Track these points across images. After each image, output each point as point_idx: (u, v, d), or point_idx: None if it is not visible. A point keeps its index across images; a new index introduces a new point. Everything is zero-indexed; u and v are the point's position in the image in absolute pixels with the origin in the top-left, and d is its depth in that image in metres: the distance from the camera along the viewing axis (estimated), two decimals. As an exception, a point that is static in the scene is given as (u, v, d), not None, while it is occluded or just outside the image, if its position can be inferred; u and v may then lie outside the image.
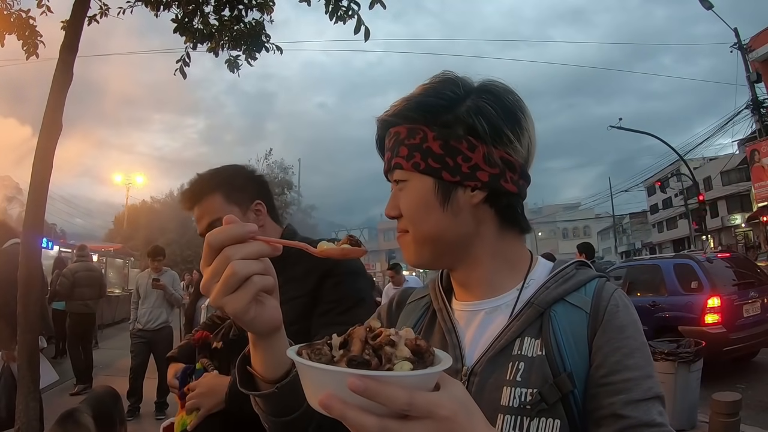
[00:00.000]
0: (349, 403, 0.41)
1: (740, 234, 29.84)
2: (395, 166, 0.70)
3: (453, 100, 0.67)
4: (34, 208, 2.42)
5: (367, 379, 0.41)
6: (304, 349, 0.47)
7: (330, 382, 0.43)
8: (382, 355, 0.44)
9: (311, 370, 0.45)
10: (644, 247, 47.25)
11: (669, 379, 3.88)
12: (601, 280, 0.69)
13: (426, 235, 0.69)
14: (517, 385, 0.61)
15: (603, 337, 0.61)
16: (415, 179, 0.68)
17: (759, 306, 5.70)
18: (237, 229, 0.51)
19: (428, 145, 0.67)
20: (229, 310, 0.51)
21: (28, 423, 2.21)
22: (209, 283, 0.51)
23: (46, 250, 8.23)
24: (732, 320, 5.44)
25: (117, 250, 16.08)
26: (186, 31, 3.48)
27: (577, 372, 0.60)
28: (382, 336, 0.46)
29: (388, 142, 0.71)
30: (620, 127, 19.18)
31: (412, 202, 0.69)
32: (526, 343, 0.64)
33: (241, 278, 0.50)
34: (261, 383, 0.63)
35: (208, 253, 0.51)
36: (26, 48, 3.34)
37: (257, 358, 0.62)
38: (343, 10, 3.13)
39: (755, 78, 17.61)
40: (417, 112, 0.68)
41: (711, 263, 6.00)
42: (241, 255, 0.50)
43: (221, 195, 1.33)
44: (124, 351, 6.51)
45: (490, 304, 0.70)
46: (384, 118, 0.72)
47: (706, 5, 16.73)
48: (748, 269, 6.40)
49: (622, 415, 0.56)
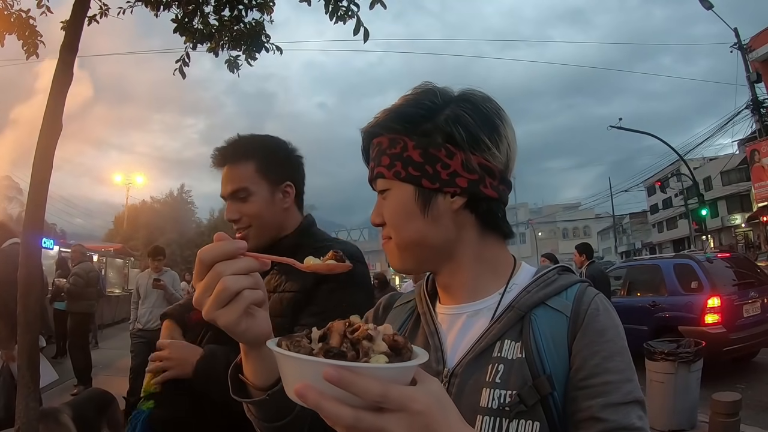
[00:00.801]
0: (325, 393, 0.42)
1: (740, 234, 29.84)
2: (378, 175, 0.72)
3: (431, 109, 0.69)
4: (34, 208, 2.42)
5: (342, 370, 0.42)
6: (284, 340, 0.49)
7: (307, 372, 0.44)
8: (360, 349, 0.45)
9: (289, 360, 0.46)
10: (644, 247, 47.25)
11: (669, 379, 3.87)
12: (583, 284, 0.70)
13: (408, 241, 0.71)
14: (496, 386, 0.62)
15: (583, 340, 0.62)
16: (397, 187, 0.70)
17: (759, 306, 5.72)
18: (227, 246, 0.54)
19: (408, 154, 0.69)
20: (221, 323, 0.53)
21: (28, 423, 2.21)
22: (202, 297, 0.54)
23: (46, 250, 8.25)
24: (732, 320, 5.45)
25: (117, 250, 16.09)
26: (186, 31, 3.48)
27: (556, 375, 0.61)
28: (360, 330, 0.47)
29: (372, 153, 0.74)
30: (620, 127, 19.17)
31: (394, 209, 0.71)
32: (506, 345, 0.65)
33: (232, 293, 0.52)
34: (253, 391, 0.65)
35: (200, 268, 0.54)
36: (26, 48, 3.34)
37: (248, 367, 0.64)
38: (343, 10, 3.13)
39: (755, 78, 17.61)
40: (397, 122, 0.70)
41: (711, 263, 6.02)
42: (231, 271, 0.53)
43: (254, 165, 1.29)
44: (124, 351, 6.52)
45: (472, 308, 0.72)
46: (367, 129, 0.74)
47: (706, 5, 16.72)
48: (748, 269, 6.43)
49: (600, 418, 0.57)
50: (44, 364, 2.92)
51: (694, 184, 18.01)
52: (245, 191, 1.28)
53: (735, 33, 17.85)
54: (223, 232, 0.57)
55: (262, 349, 0.60)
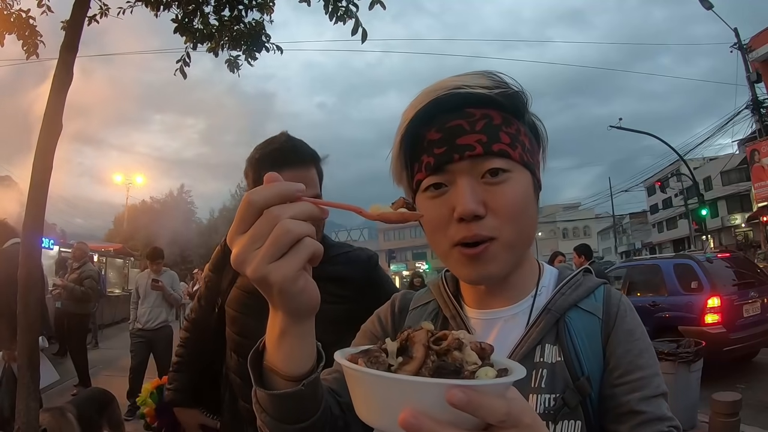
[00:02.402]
0: (441, 420, 0.37)
1: (740, 234, 29.84)
2: (499, 152, 0.60)
3: (523, 98, 0.66)
4: (34, 208, 2.42)
5: (470, 390, 0.36)
6: (360, 357, 0.42)
7: (414, 395, 0.37)
8: (449, 361, 0.40)
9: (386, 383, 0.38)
10: (644, 247, 47.24)
11: (669, 379, 3.87)
12: (607, 286, 0.71)
13: (524, 238, 0.63)
14: (542, 391, 0.62)
15: (615, 340, 0.64)
16: (519, 172, 0.62)
17: (759, 306, 5.75)
18: (285, 187, 0.44)
19: (523, 139, 0.64)
20: (276, 278, 0.43)
21: (28, 423, 2.20)
22: (247, 251, 0.43)
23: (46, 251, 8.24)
24: (732, 320, 5.47)
25: (117, 250, 16.08)
26: (186, 31, 3.48)
27: (593, 374, 0.62)
28: (448, 339, 0.41)
29: (466, 122, 0.61)
30: (620, 127, 19.18)
31: (515, 198, 0.61)
32: (546, 349, 0.65)
33: (295, 237, 0.42)
34: (280, 381, 0.53)
35: (248, 214, 0.43)
36: (26, 48, 3.34)
37: (283, 350, 0.51)
38: (342, 10, 3.13)
39: (755, 78, 17.59)
40: (509, 100, 0.63)
41: (711, 263, 6.05)
42: (290, 214, 0.43)
43: (316, 173, 1.28)
44: (124, 351, 6.51)
45: (508, 312, 0.69)
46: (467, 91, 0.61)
47: (706, 5, 16.71)
48: (748, 269, 6.43)
49: (639, 411, 0.59)
50: (46, 364, 2.93)
51: (694, 184, 18.00)
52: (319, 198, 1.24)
53: (735, 33, 17.84)
54: (275, 173, 0.45)
55: (307, 322, 0.51)
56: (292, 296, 0.46)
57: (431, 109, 0.62)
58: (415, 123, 0.64)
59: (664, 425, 0.59)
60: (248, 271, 0.43)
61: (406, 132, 0.65)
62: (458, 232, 0.61)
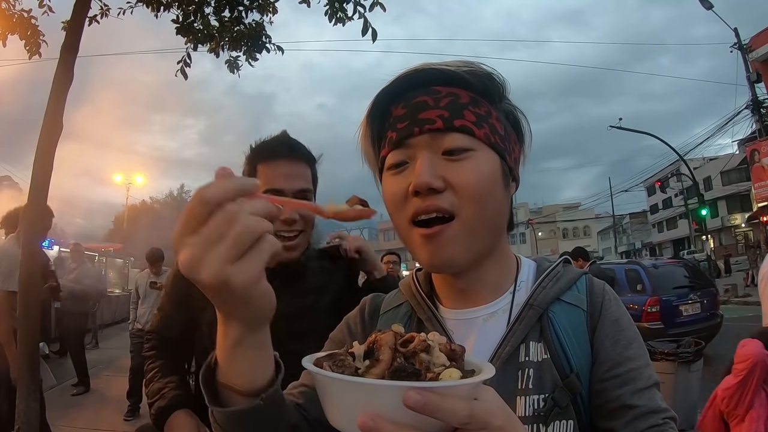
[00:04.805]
0: (401, 423, 0.36)
1: (740, 234, 29.84)
2: (461, 128, 0.58)
3: (503, 89, 0.65)
4: (34, 208, 2.42)
5: (428, 393, 0.35)
6: (324, 360, 0.41)
7: (374, 399, 0.36)
8: (416, 363, 0.39)
9: (348, 386, 0.38)
10: (644, 247, 47.27)
11: (669, 379, 3.89)
12: (589, 276, 0.69)
13: (487, 219, 0.59)
14: (530, 392, 0.59)
15: (603, 332, 0.62)
16: (484, 151, 0.60)
17: (699, 306, 6.63)
18: (242, 182, 0.40)
19: (493, 122, 0.61)
20: (239, 281, 0.39)
21: (28, 423, 2.21)
22: (202, 252, 0.38)
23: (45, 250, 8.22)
24: (670, 318, 6.37)
25: (117, 251, 16.08)
26: (187, 32, 3.49)
27: (581, 370, 0.60)
28: (415, 341, 0.40)
29: (431, 98, 0.60)
30: (620, 127, 19.19)
31: (478, 176, 0.58)
32: (531, 348, 0.61)
33: (256, 235, 0.38)
34: (235, 397, 0.49)
35: (199, 210, 0.38)
36: (28, 48, 3.35)
37: (239, 362, 0.48)
38: (342, 13, 3.15)
39: (755, 78, 17.58)
40: (480, 82, 0.62)
41: (656, 269, 7.09)
42: (249, 211, 0.39)
43: (310, 171, 1.25)
44: (124, 351, 6.51)
45: (486, 311, 0.66)
46: (435, 67, 0.61)
47: (706, 5, 16.71)
48: (693, 275, 7.34)
49: (632, 405, 0.57)
50: (44, 368, 2.92)
51: (694, 184, 18.01)
52: (310, 193, 1.22)
53: (735, 33, 17.84)
54: (227, 167, 0.41)
55: (261, 331, 0.47)
56: (253, 300, 0.42)
57: (400, 85, 0.62)
58: (383, 99, 0.63)
59: (659, 417, 0.56)
60: (205, 275, 0.38)
61: (374, 107, 0.63)
62: (412, 205, 0.58)
